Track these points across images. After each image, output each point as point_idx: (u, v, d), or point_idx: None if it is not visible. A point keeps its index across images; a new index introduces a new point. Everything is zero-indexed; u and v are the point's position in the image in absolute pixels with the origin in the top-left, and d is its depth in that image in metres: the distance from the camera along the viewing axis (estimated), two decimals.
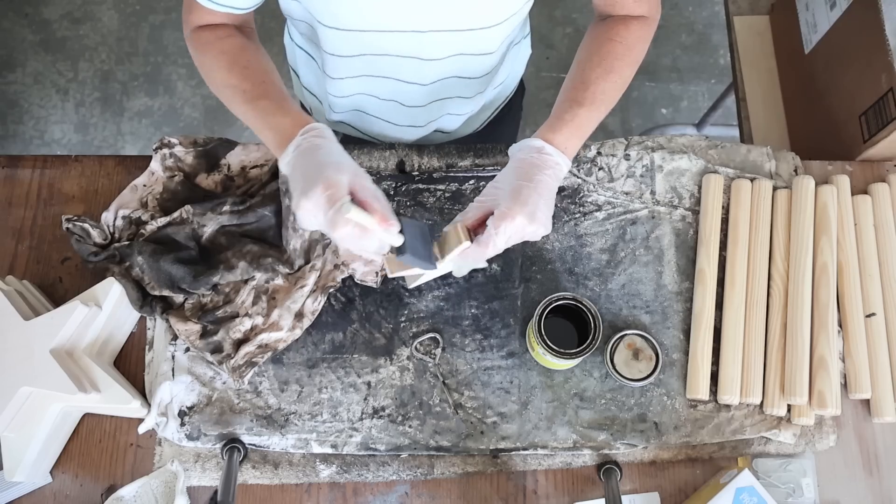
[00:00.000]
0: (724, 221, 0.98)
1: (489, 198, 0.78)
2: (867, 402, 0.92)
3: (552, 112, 0.84)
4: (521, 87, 1.19)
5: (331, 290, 0.92)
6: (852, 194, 0.99)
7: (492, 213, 0.76)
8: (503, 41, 0.88)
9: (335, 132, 1.11)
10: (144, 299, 0.89)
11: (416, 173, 0.99)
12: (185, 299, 0.90)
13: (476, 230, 0.77)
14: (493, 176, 0.94)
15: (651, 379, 0.88)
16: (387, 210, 0.71)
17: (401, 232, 0.72)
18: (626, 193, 0.99)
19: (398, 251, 0.74)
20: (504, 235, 0.74)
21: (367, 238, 0.70)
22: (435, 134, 1.08)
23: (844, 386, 0.92)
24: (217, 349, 0.88)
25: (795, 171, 1.02)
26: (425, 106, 0.98)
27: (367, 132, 1.09)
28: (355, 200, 0.70)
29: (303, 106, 1.20)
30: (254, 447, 0.88)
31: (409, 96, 0.95)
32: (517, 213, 0.74)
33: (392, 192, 0.97)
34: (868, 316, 0.94)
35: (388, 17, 0.79)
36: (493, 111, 1.13)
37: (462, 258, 0.77)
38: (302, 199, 0.70)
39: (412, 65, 0.87)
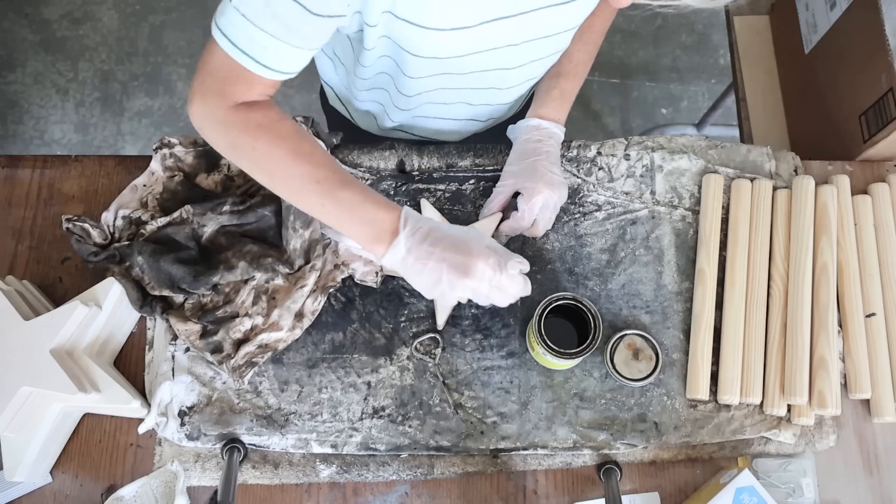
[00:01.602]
0: (724, 221, 0.98)
1: (508, 181, 0.91)
2: (867, 402, 0.92)
3: (538, 87, 0.95)
4: None
5: (331, 290, 0.92)
6: (852, 194, 0.99)
7: (512, 195, 0.91)
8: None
9: (384, 138, 1.09)
10: (144, 299, 0.89)
11: (416, 173, 0.99)
12: (185, 299, 0.90)
13: (505, 212, 0.92)
14: (493, 176, 0.95)
15: (651, 379, 0.88)
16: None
17: None
18: (626, 193, 0.99)
19: None
20: (536, 206, 0.88)
21: (526, 286, 0.79)
22: (488, 122, 1.07)
23: (844, 386, 0.92)
24: (217, 349, 0.88)
25: (795, 171, 1.02)
26: (494, 105, 0.98)
27: (420, 133, 1.07)
28: None
29: (328, 121, 1.18)
30: (254, 447, 0.88)
31: (479, 97, 0.94)
32: (542, 186, 0.88)
33: (392, 192, 0.97)
34: (868, 316, 0.94)
35: (491, 38, 0.77)
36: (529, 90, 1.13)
37: (499, 231, 0.92)
38: (462, 280, 0.75)
39: (496, 75, 0.87)
